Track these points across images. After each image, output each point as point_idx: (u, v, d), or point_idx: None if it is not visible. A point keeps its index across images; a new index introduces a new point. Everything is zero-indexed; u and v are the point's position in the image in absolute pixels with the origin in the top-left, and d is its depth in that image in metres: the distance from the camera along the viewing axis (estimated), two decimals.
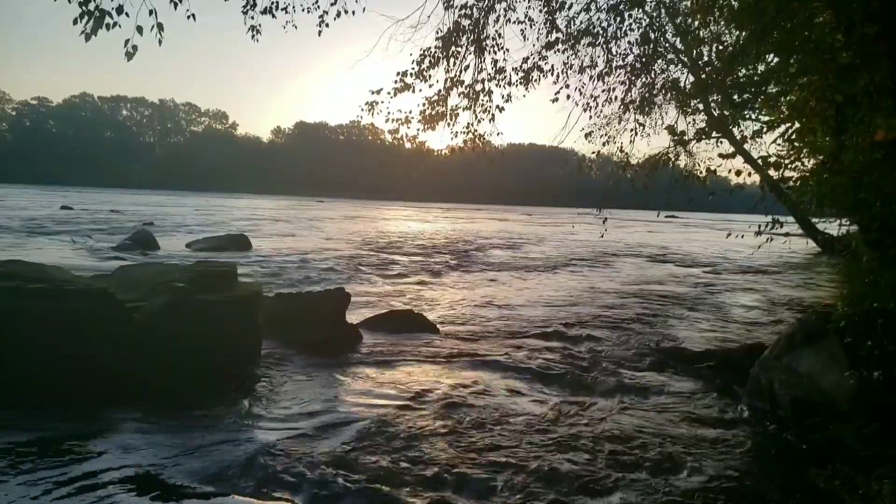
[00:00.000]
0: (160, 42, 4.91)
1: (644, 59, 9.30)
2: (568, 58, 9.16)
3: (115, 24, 4.69)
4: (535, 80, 9.04)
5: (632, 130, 10.19)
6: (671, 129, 8.64)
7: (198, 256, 14.33)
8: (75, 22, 4.59)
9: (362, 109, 8.64)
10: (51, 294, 4.46)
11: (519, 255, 19.05)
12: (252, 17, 6.98)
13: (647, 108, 10.12)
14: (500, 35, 8.68)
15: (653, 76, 9.62)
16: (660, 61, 10.04)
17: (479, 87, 8.91)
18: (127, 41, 4.68)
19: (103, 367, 4.41)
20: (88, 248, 15.47)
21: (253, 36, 7.12)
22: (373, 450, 3.69)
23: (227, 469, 3.39)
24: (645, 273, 15.32)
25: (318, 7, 7.48)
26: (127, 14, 4.72)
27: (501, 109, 9.00)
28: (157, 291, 5.05)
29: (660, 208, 9.17)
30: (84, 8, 4.61)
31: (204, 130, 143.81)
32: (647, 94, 9.73)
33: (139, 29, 4.71)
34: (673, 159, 9.06)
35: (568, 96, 9.29)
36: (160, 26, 4.86)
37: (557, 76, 9.17)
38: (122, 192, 78.78)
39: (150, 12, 4.80)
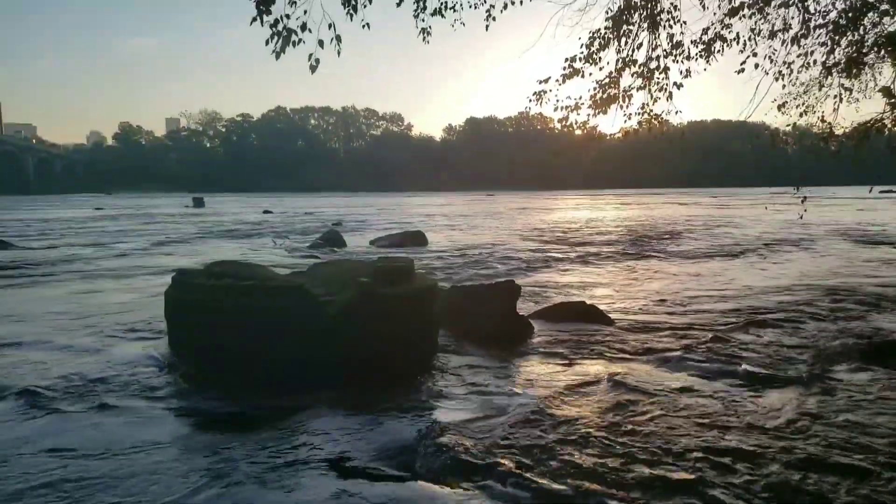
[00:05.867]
0: (339, 53, 5.27)
1: (850, 14, 8.14)
2: (756, 23, 8.33)
3: (300, 40, 5.12)
4: (718, 52, 8.34)
5: (835, 97, 8.99)
6: (886, 91, 7.53)
7: (379, 252, 15.29)
8: (267, 42, 5.08)
9: (530, 100, 8.60)
10: (257, 290, 4.99)
11: (701, 242, 17.76)
12: (423, 20, 7.21)
13: (855, 70, 8.85)
14: (675, 7, 8.14)
15: (862, 32, 8.39)
16: (871, 14, 8.71)
17: (653, 64, 8.45)
18: (310, 55, 5.08)
19: (300, 357, 4.84)
20: (287, 248, 17.39)
21: (424, 38, 7.34)
22: (547, 441, 3.62)
23: (409, 453, 3.52)
24: (853, 257, 13.45)
25: (486, 1, 7.54)
26: (309, 30, 5.13)
27: (679, 86, 8.43)
28: (346, 286, 5.43)
29: (872, 182, 8.12)
30: (273, 29, 5.09)
31: (382, 133, 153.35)
32: (854, 54, 8.51)
33: (320, 42, 5.10)
34: (890, 125, 7.89)
35: (756, 65, 8.45)
36: (338, 38, 5.21)
37: (744, 44, 8.38)
38: (312, 195, 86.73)
39: (330, 26, 5.15)
